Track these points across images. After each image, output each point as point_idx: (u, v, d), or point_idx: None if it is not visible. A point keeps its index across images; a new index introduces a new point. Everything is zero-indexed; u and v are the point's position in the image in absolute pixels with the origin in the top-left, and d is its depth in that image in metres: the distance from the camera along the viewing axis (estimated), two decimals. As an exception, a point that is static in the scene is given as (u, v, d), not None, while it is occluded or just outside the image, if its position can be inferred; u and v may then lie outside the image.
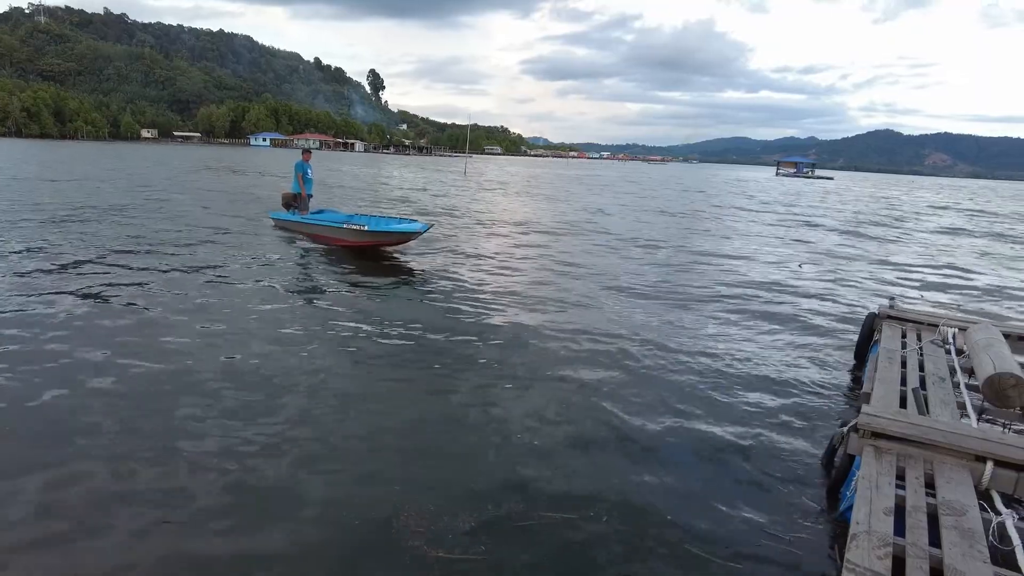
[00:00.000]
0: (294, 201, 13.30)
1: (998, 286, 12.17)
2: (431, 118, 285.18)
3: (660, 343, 6.80)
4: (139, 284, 8.13)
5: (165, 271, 9.04)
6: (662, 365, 6.12)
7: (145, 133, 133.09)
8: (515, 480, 3.82)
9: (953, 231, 23.26)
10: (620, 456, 4.27)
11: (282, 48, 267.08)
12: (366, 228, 10.97)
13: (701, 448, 4.44)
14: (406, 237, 11.04)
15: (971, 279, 12.83)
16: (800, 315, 8.63)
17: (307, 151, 13.77)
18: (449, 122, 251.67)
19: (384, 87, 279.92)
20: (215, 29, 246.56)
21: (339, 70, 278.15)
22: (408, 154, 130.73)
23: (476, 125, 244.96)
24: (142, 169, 35.72)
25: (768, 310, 8.80)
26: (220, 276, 8.89)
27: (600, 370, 5.85)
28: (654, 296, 9.29)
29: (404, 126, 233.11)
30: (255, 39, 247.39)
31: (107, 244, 10.94)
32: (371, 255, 11.12)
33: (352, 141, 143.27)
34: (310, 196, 13.39)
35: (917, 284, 11.90)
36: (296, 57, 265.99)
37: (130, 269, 9.02)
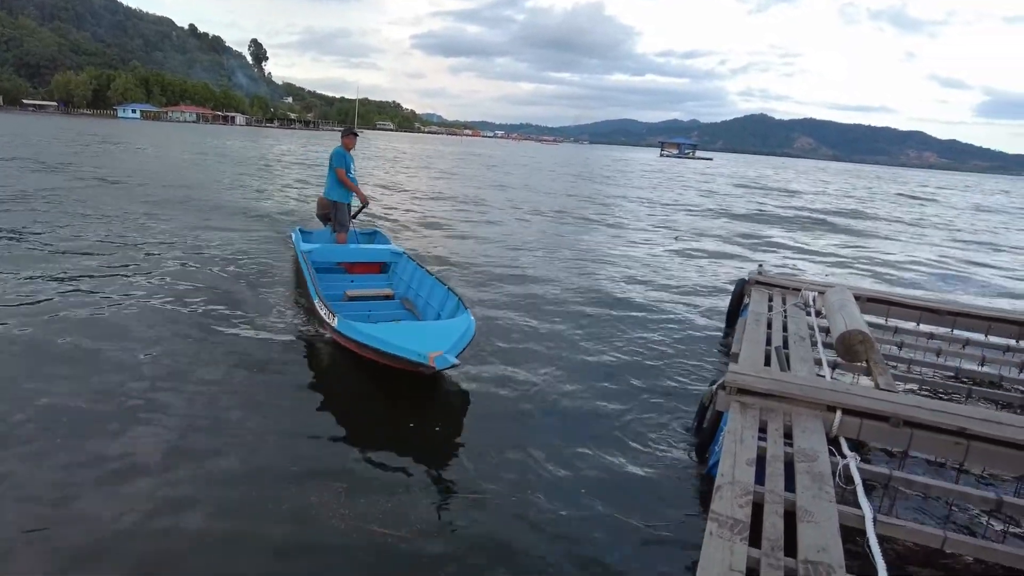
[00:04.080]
0: (335, 214, 7.74)
1: (857, 256, 13.36)
2: (319, 92, 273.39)
3: (539, 315, 6.87)
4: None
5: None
6: (542, 337, 6.17)
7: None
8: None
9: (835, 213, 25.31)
10: (498, 426, 4.24)
11: (150, 12, 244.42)
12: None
13: (578, 416, 4.53)
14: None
15: (834, 250, 14.01)
16: (675, 285, 9.04)
17: (352, 133, 7.71)
18: (338, 96, 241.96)
19: (267, 58, 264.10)
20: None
21: (217, 39, 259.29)
22: (293, 128, 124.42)
23: (367, 100, 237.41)
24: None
25: (646, 281, 9.13)
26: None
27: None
28: (533, 274, 9.37)
29: (290, 99, 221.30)
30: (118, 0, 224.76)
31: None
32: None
33: (233, 114, 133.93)
34: (352, 206, 7.95)
35: (785, 253, 12.83)
36: (168, 23, 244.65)
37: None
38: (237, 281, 7.32)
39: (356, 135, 7.77)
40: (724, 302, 7.52)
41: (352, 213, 8.01)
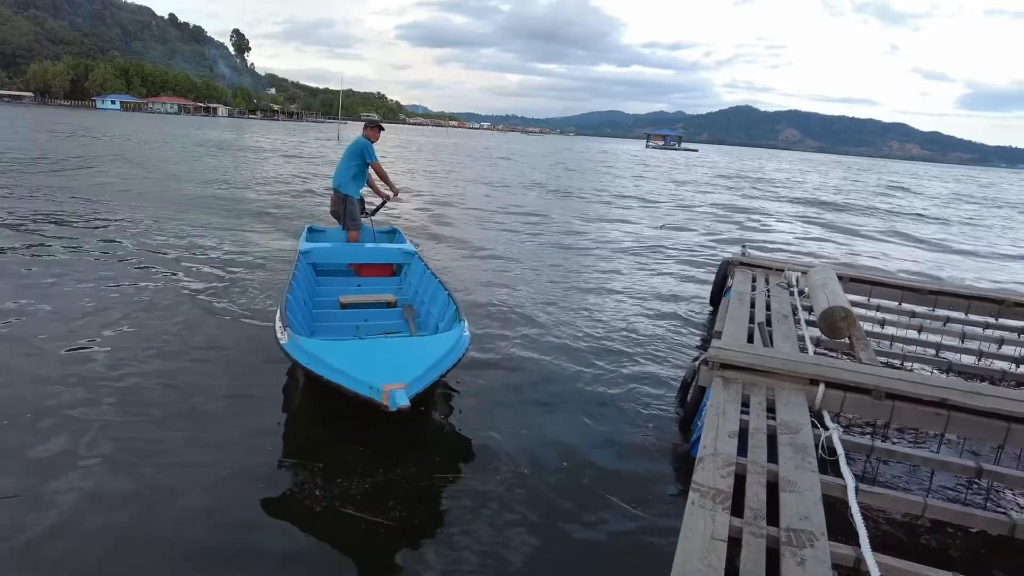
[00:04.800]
0: (345, 209, 6.88)
1: (831, 239, 13.45)
2: (303, 82, 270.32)
3: (532, 298, 6.82)
4: None
5: None
6: (526, 319, 6.14)
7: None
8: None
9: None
10: (480, 403, 4.20)
11: (129, 1, 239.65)
12: None
13: (561, 394, 4.51)
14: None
15: (813, 235, 14.09)
16: (662, 269, 9.04)
17: (375, 125, 7.03)
18: (322, 87, 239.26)
19: (250, 49, 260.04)
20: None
21: (198, 28, 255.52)
22: (277, 119, 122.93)
23: (351, 91, 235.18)
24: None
25: (633, 265, 9.13)
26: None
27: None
28: (527, 256, 9.34)
29: (273, 90, 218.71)
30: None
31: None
32: None
33: (215, 105, 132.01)
34: (367, 202, 7.23)
35: (768, 236, 12.88)
36: (147, 12, 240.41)
37: None
38: (223, 280, 7.13)
39: (382, 128, 7.11)
40: (708, 285, 7.52)
41: (372, 209, 7.25)
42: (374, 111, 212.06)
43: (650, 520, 3.08)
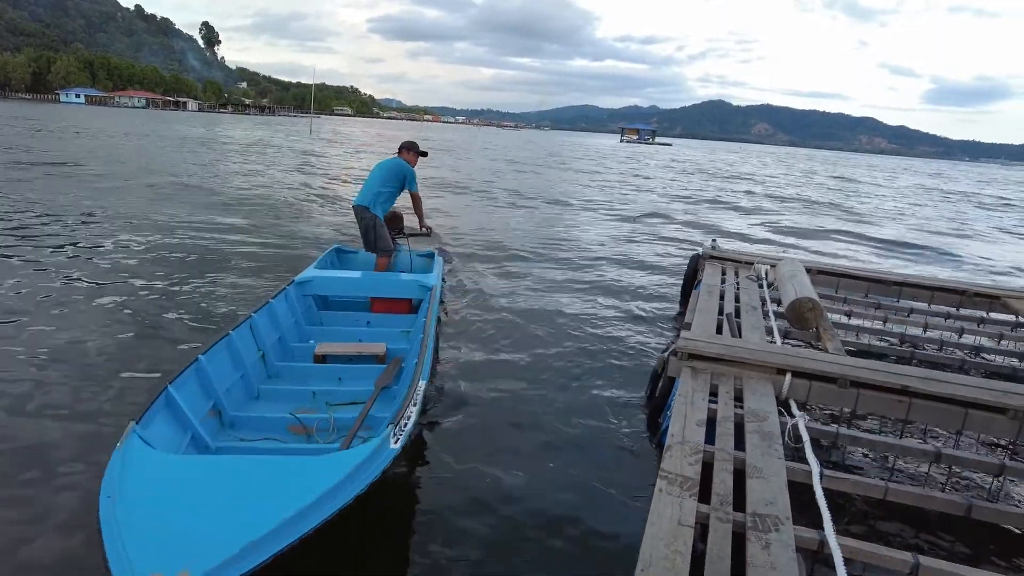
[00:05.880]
0: (376, 231, 5.92)
1: (803, 230, 13.68)
2: (275, 76, 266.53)
3: (502, 294, 6.83)
4: None
5: None
6: (505, 317, 6.14)
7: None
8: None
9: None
10: (446, 401, 4.21)
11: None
12: None
13: (532, 390, 4.51)
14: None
15: (782, 226, 14.31)
16: (636, 261, 9.12)
17: (421, 153, 6.28)
18: (294, 81, 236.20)
19: (220, 42, 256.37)
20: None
21: (166, 21, 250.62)
22: (248, 114, 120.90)
23: (324, 85, 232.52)
24: None
25: (604, 260, 9.19)
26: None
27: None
28: (498, 252, 9.34)
29: (244, 84, 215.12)
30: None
31: None
32: None
33: (184, 100, 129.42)
34: (404, 220, 6.60)
35: (737, 229, 13.06)
36: (112, 3, 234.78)
37: None
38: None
39: (424, 155, 6.37)
40: (679, 278, 7.60)
41: (410, 231, 6.50)
42: (348, 105, 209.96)
43: (618, 508, 3.12)
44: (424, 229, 6.47)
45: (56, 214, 9.52)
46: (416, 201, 6.15)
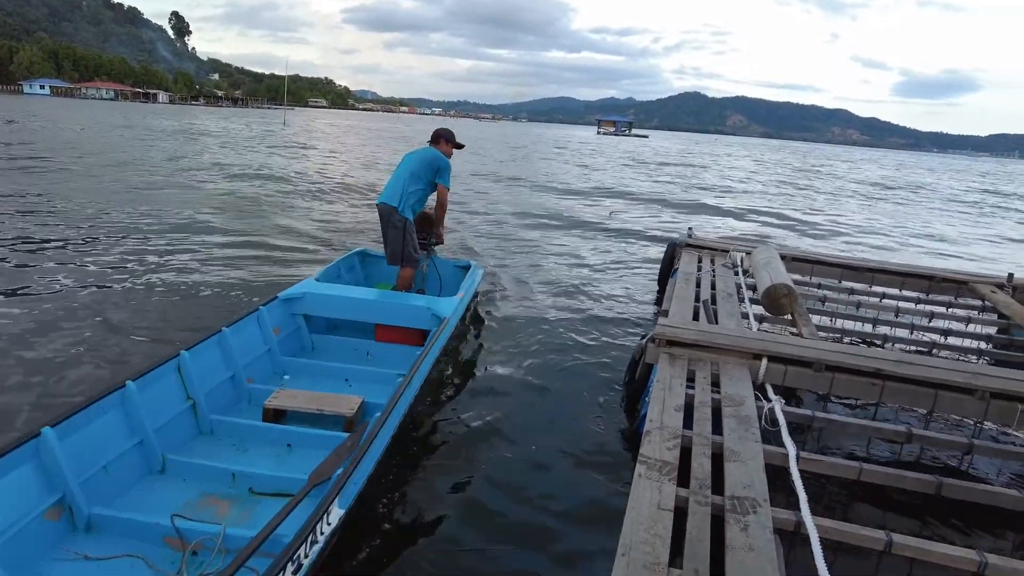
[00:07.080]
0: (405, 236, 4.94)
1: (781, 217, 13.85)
2: (247, 68, 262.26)
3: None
4: None
5: None
6: (481, 303, 6.13)
7: None
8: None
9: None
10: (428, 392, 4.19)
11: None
12: None
13: (514, 375, 4.53)
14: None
15: (761, 216, 14.48)
16: (611, 252, 9.15)
17: (454, 143, 5.32)
18: (268, 72, 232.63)
19: (190, 32, 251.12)
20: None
21: (134, 10, 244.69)
22: (220, 106, 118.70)
23: (298, 76, 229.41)
24: None
25: (584, 250, 9.22)
26: None
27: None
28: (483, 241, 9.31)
29: (216, 76, 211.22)
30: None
31: None
32: None
33: (154, 91, 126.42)
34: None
35: (715, 218, 13.18)
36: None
37: None
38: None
39: (461, 147, 5.43)
40: (655, 266, 7.65)
41: (433, 241, 5.48)
42: (322, 97, 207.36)
43: (597, 494, 3.14)
44: (435, 238, 5.47)
45: None
46: (443, 200, 5.14)
